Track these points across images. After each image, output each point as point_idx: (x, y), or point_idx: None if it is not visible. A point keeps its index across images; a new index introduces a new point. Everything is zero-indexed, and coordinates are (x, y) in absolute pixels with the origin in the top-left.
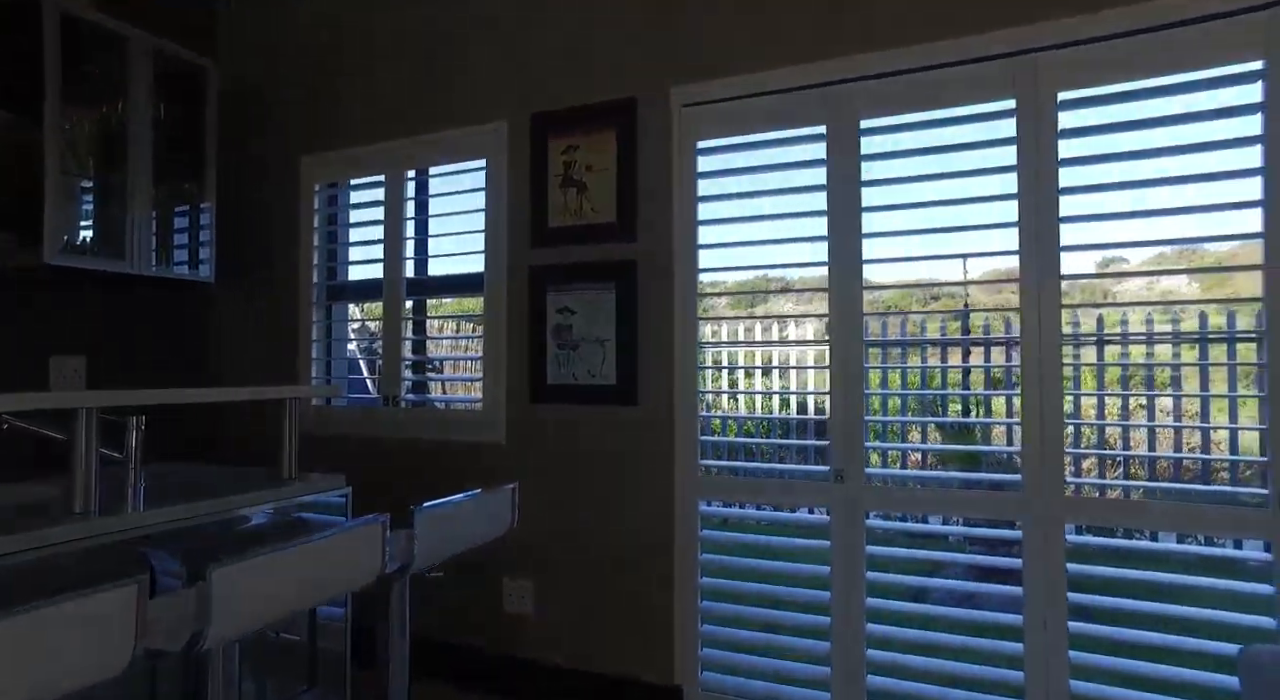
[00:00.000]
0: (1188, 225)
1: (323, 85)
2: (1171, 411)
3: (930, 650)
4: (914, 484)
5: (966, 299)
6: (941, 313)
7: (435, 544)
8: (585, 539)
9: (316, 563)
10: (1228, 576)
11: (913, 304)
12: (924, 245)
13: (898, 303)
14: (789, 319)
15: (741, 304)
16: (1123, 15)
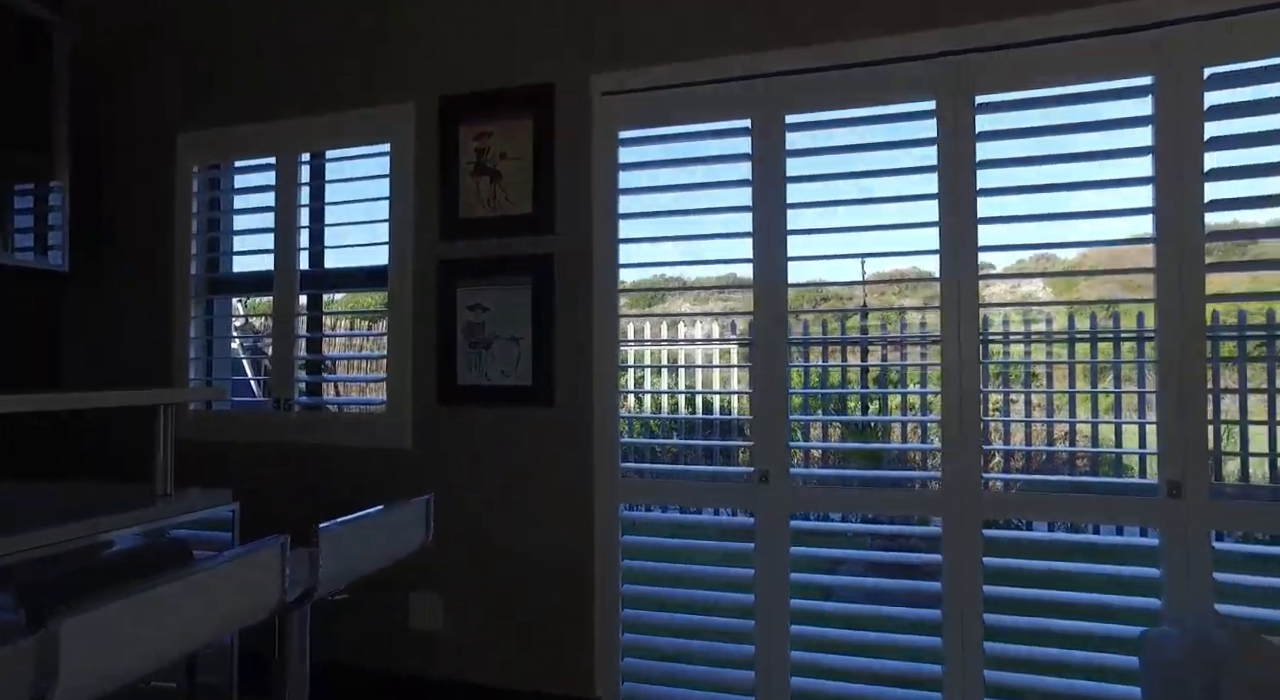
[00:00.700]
0: (1095, 228)
1: (206, 54)
2: (1067, 408)
3: (852, 649)
4: (836, 483)
5: (866, 299)
6: (840, 311)
7: (342, 565)
8: (499, 548)
9: (201, 597)
10: (1122, 562)
11: (819, 302)
12: (845, 244)
13: (812, 300)
14: (709, 317)
15: (662, 301)
16: (831, 51)
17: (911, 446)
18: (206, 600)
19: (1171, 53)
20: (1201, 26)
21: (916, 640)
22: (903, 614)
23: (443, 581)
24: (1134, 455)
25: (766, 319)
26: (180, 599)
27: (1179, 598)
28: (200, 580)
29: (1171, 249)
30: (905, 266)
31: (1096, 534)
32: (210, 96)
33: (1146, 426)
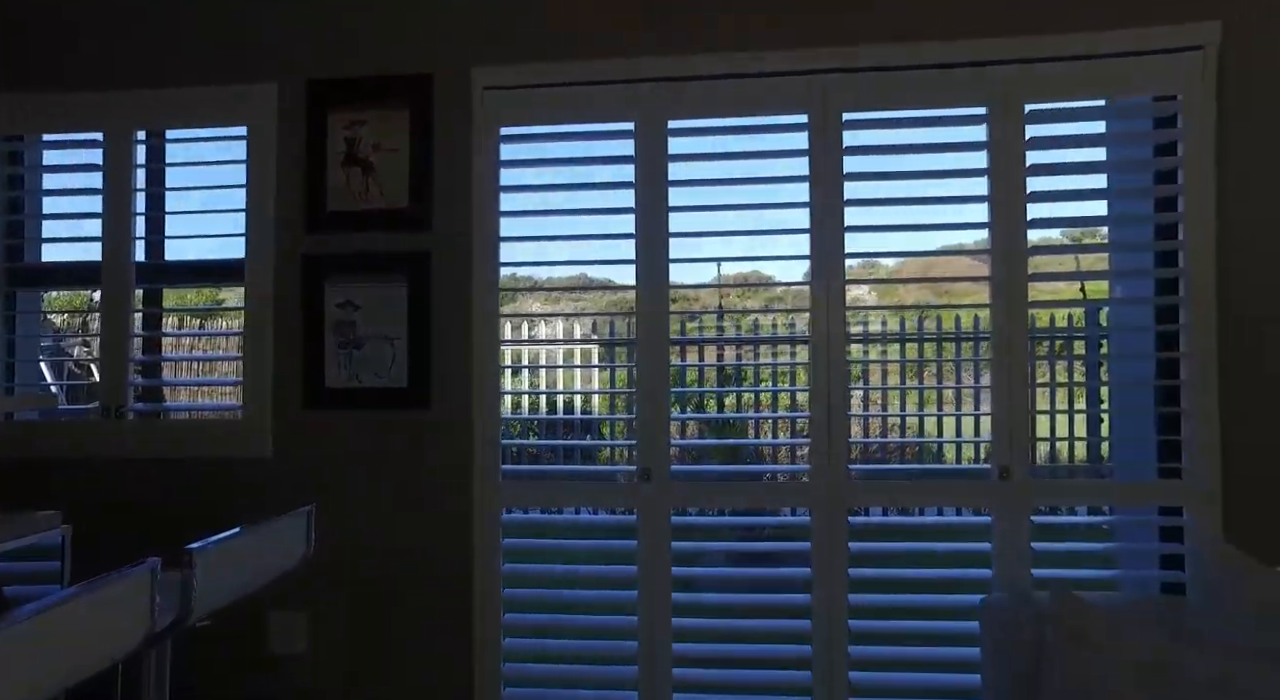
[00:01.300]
0: (940, 239)
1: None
2: (907, 402)
3: (729, 636)
4: (714, 479)
5: (722, 301)
6: (698, 312)
7: (217, 589)
8: (371, 560)
9: (51, 638)
10: (960, 540)
11: (689, 303)
12: (724, 247)
13: (704, 301)
14: (591, 317)
15: (544, 301)
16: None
17: (784, 441)
18: (58, 639)
19: (1004, 88)
20: (1023, 68)
21: (789, 624)
22: (776, 601)
23: (308, 600)
24: (971, 444)
25: (648, 319)
26: (28, 637)
27: (1007, 567)
28: (49, 618)
29: (1001, 260)
30: (772, 269)
31: (940, 515)
32: (13, 55)
33: (981, 418)
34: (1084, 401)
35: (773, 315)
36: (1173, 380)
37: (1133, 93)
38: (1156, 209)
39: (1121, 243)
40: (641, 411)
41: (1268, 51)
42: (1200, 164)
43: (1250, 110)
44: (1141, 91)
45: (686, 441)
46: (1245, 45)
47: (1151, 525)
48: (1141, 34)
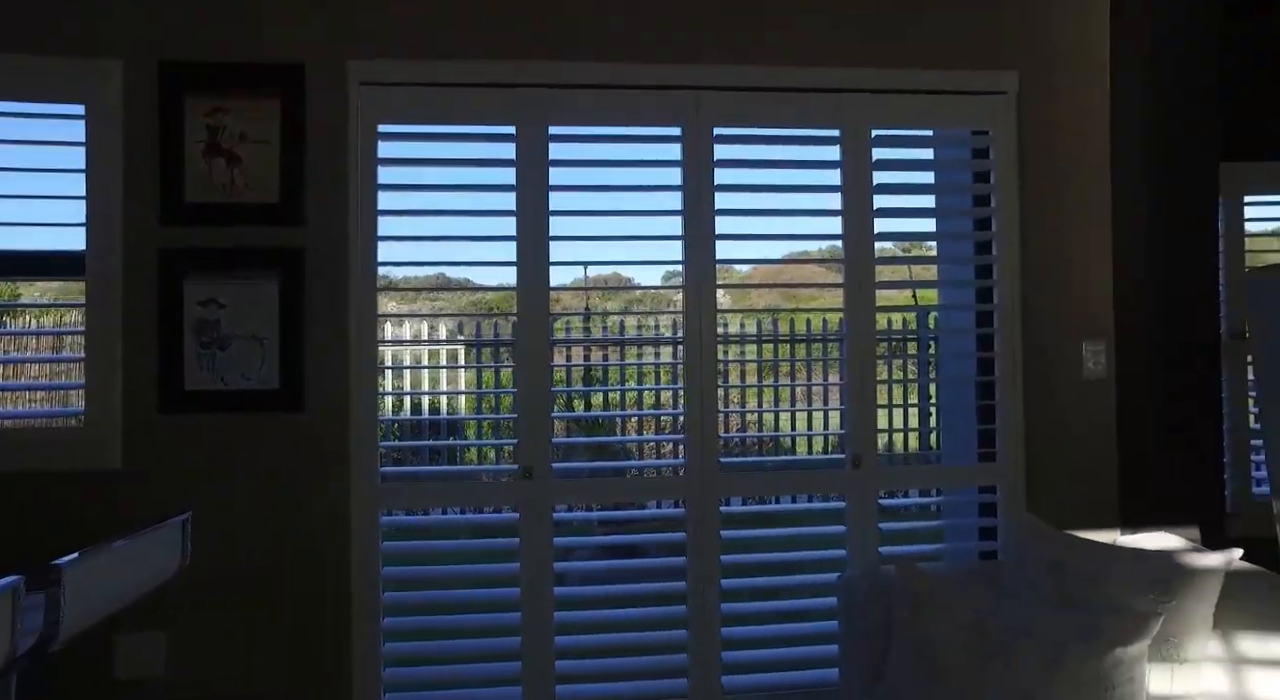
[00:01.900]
0: (794, 247)
1: None
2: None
3: (610, 626)
4: (590, 475)
5: (585, 301)
6: (564, 315)
7: (87, 607)
8: (239, 572)
9: None
10: (817, 524)
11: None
12: (602, 251)
13: (566, 302)
14: (459, 317)
15: (408, 301)
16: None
17: (661, 438)
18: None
19: (855, 114)
20: (870, 97)
21: (666, 611)
22: (653, 589)
23: (165, 618)
24: (827, 437)
25: (528, 320)
26: None
27: (859, 546)
28: None
29: (853, 268)
30: (646, 274)
31: (793, 502)
32: None
33: (830, 413)
34: (917, 396)
35: (638, 316)
36: (988, 377)
37: (955, 125)
38: (975, 227)
39: (947, 256)
40: (522, 411)
41: (1054, 101)
42: (1006, 190)
43: (1042, 148)
44: (962, 125)
45: (569, 439)
46: (1038, 93)
47: (973, 503)
48: (960, 77)
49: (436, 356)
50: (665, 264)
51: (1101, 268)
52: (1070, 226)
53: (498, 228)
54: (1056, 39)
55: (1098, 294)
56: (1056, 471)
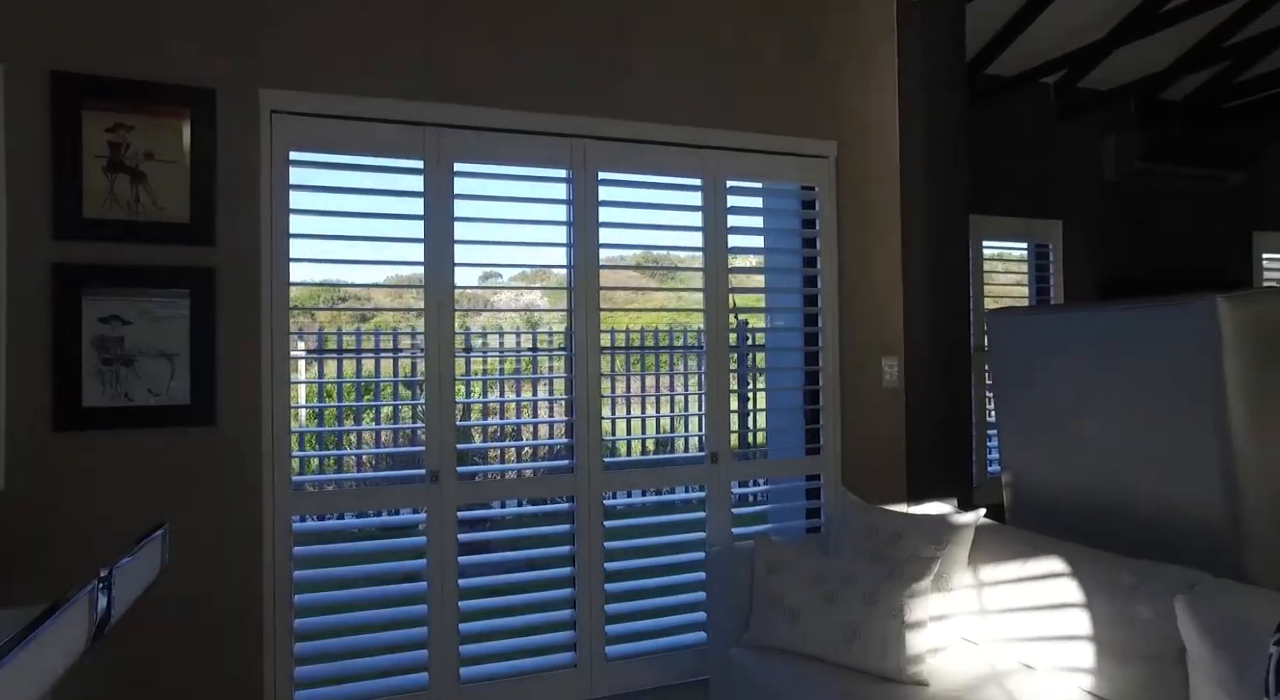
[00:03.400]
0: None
1: None
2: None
3: (509, 611)
4: (494, 476)
5: (516, 315)
6: None
7: None
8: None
9: None
10: (684, 512)
11: None
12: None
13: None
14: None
15: (338, 317)
16: (496, 116)
17: (556, 442)
18: None
19: (714, 166)
20: (726, 153)
21: (555, 594)
22: (545, 576)
23: None
24: (692, 437)
25: (435, 337)
26: None
27: (717, 527)
28: None
29: (714, 292)
30: (545, 299)
31: (659, 494)
32: None
33: (698, 416)
34: (761, 401)
35: (535, 335)
36: (814, 386)
37: (791, 180)
38: (804, 263)
39: (781, 285)
40: (430, 419)
41: (862, 164)
42: (828, 234)
43: (854, 201)
44: (796, 181)
45: (477, 445)
46: (851, 158)
47: (801, 489)
48: (796, 142)
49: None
50: (557, 290)
51: (895, 296)
52: (873, 263)
53: (403, 252)
54: (862, 118)
55: (892, 318)
56: (865, 460)
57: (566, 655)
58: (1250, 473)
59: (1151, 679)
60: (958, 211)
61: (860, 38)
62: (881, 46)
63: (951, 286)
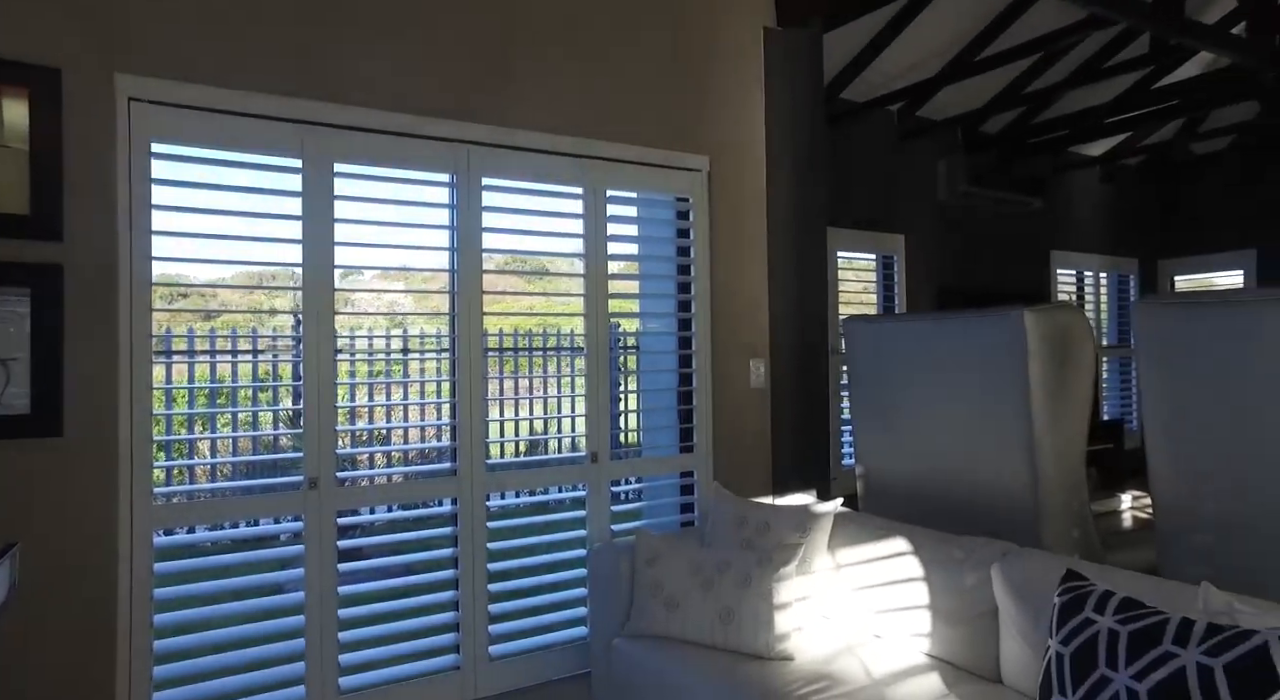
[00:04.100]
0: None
1: None
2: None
3: (385, 617)
4: (374, 481)
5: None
6: None
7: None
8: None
9: None
10: (566, 511)
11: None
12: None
13: None
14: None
15: (197, 319)
16: (379, 118)
17: (440, 445)
18: None
19: (594, 176)
20: (606, 164)
21: (438, 597)
22: (429, 579)
23: None
24: (568, 437)
25: (313, 345)
26: None
27: (598, 525)
28: None
29: (593, 296)
30: (423, 302)
31: (533, 494)
32: None
33: (576, 417)
34: (638, 401)
35: (420, 337)
36: (687, 387)
37: (667, 192)
38: (678, 271)
39: (657, 291)
40: (309, 424)
41: (732, 178)
42: (701, 243)
43: (725, 213)
44: (672, 192)
45: (354, 450)
46: (723, 172)
47: (675, 485)
48: (672, 156)
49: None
50: (441, 293)
51: (762, 302)
52: (742, 271)
53: (280, 253)
54: (732, 134)
55: (759, 323)
56: (734, 457)
57: (450, 657)
58: (1047, 457)
59: (973, 637)
60: (817, 224)
61: (730, 60)
62: (750, 69)
63: (812, 294)
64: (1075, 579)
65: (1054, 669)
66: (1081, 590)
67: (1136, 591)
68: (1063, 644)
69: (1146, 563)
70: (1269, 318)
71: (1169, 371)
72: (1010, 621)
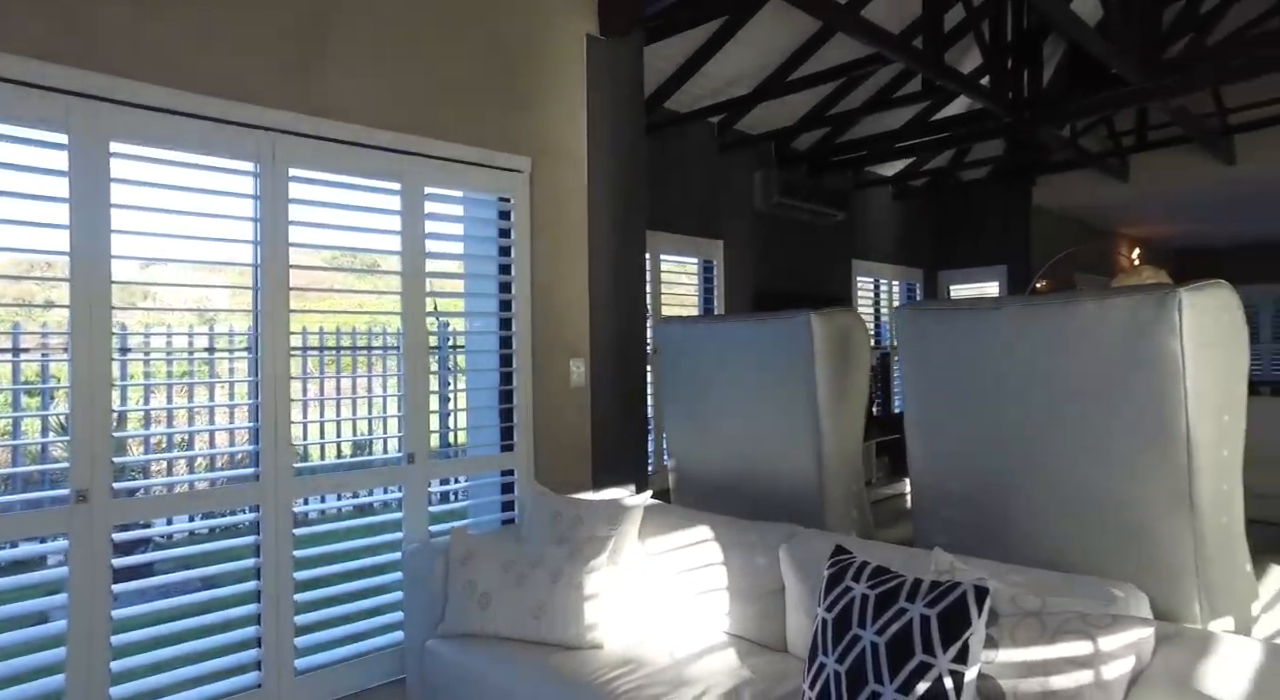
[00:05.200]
0: None
1: None
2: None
3: (172, 639)
4: (173, 490)
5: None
6: None
7: None
8: None
9: None
10: (382, 514)
11: None
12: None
13: None
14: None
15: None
16: (169, 96)
17: (241, 449)
18: None
19: (412, 174)
20: (425, 160)
21: (238, 612)
22: (225, 594)
23: None
24: (392, 438)
25: (88, 333)
26: None
27: (415, 526)
28: None
29: (412, 293)
30: (204, 294)
31: (371, 495)
32: None
33: (391, 418)
34: (463, 400)
35: (209, 336)
36: (509, 386)
37: (489, 192)
38: (500, 271)
39: (478, 290)
40: (78, 430)
41: (553, 180)
42: (522, 243)
43: (546, 214)
44: (493, 193)
45: (144, 457)
46: (544, 174)
47: (497, 484)
48: (493, 155)
49: None
50: (242, 288)
51: (582, 302)
52: (563, 272)
53: (43, 240)
54: (554, 138)
55: (579, 322)
56: (556, 454)
57: (251, 675)
58: (831, 447)
59: (764, 612)
60: (637, 228)
61: (553, 65)
62: (572, 74)
63: (631, 295)
64: (841, 554)
65: (819, 633)
66: (845, 563)
67: (890, 560)
68: (827, 611)
69: (908, 536)
70: (993, 323)
71: (921, 368)
72: (794, 596)
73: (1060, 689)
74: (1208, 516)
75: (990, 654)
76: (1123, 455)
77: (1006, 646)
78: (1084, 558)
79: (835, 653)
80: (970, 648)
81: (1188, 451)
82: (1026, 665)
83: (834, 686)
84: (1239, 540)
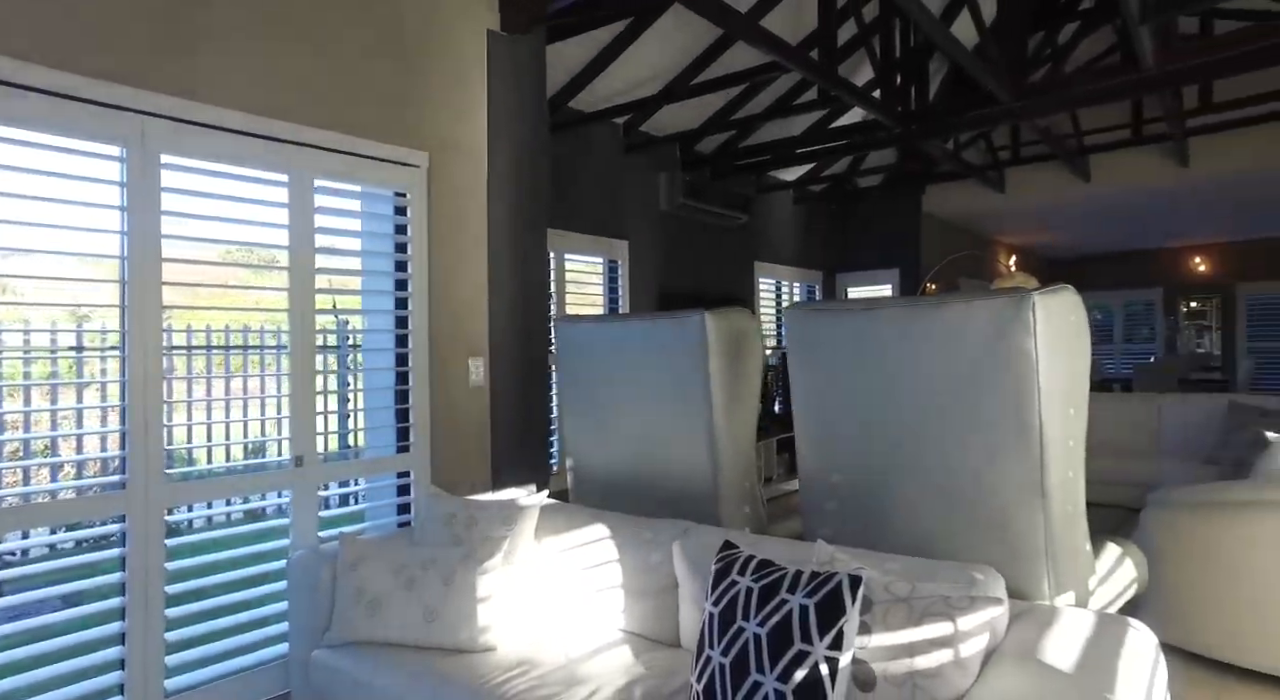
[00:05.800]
0: None
1: None
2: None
3: (28, 664)
4: (13, 500)
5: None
6: None
7: None
8: None
9: None
10: (268, 519)
11: None
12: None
13: None
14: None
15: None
16: (16, 69)
17: (105, 455)
18: None
19: (300, 164)
20: (315, 151)
21: (102, 630)
22: (87, 612)
23: None
24: (282, 440)
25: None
26: None
27: (303, 532)
28: None
29: (299, 292)
30: (83, 290)
31: (264, 499)
32: None
33: (282, 419)
34: (338, 401)
35: (64, 333)
36: (405, 386)
37: (384, 186)
38: (396, 267)
39: (372, 287)
40: None
41: (452, 176)
42: (419, 240)
43: (444, 210)
44: (389, 187)
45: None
46: (442, 169)
47: (393, 486)
48: (389, 149)
49: None
50: (109, 282)
51: (481, 301)
52: (461, 269)
53: None
54: (454, 133)
55: (478, 321)
56: (454, 454)
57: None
58: (724, 444)
59: (659, 609)
60: (539, 226)
61: (453, 60)
62: (472, 70)
63: (532, 294)
64: (729, 548)
65: (706, 627)
66: (731, 557)
67: (775, 554)
68: (714, 604)
69: (798, 530)
70: (874, 323)
71: (809, 366)
72: (686, 591)
73: (924, 668)
74: (1056, 502)
75: (864, 640)
76: (986, 447)
77: (879, 631)
78: (952, 544)
79: (720, 645)
80: (845, 635)
81: (1040, 443)
82: (896, 648)
83: (719, 679)
84: (1081, 522)
